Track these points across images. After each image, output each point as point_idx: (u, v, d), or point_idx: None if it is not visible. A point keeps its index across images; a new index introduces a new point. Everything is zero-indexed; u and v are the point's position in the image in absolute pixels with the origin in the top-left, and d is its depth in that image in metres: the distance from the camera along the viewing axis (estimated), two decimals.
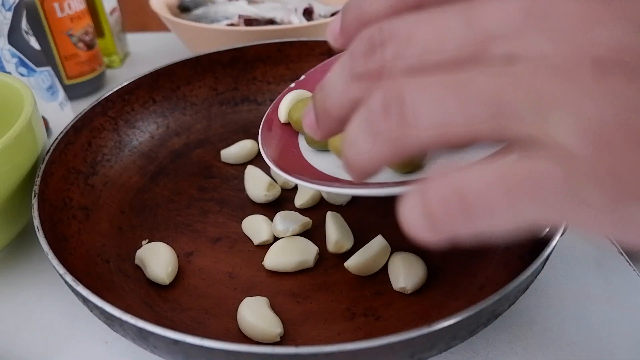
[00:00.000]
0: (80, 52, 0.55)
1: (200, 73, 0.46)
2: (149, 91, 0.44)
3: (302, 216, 0.36)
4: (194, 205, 0.39)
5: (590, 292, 0.33)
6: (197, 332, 0.29)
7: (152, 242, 0.34)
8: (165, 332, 0.23)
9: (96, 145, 0.39)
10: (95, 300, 0.25)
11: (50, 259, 0.28)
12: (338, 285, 0.32)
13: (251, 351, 0.22)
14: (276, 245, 0.34)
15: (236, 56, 0.47)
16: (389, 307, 0.31)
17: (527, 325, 0.31)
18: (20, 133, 0.32)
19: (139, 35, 0.72)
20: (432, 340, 0.23)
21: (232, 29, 0.49)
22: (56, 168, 0.35)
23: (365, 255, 0.32)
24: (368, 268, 0.32)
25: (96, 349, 0.30)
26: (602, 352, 0.29)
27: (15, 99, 0.36)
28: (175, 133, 0.45)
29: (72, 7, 0.53)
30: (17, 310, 0.33)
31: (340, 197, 0.38)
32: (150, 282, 0.33)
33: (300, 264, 0.33)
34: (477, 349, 0.29)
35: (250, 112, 0.48)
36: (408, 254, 0.32)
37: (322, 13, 0.58)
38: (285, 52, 0.48)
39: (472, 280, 0.32)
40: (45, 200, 0.32)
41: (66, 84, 0.55)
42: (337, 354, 0.22)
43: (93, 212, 0.36)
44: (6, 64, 0.44)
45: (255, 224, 0.36)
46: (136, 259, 0.33)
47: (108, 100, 0.41)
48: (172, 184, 0.41)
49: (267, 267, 0.33)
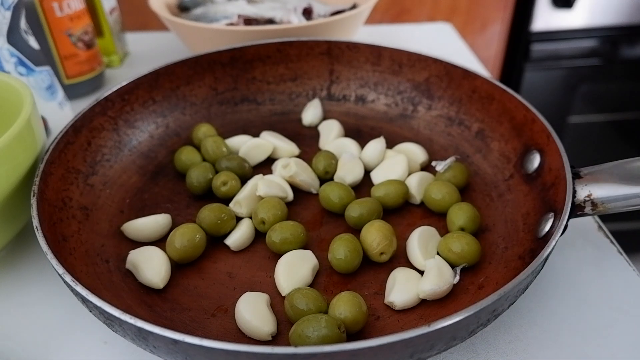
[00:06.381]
0: (80, 51, 0.55)
1: (199, 73, 0.46)
2: (149, 91, 0.44)
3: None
4: (194, 205, 0.39)
5: (590, 292, 0.33)
6: (196, 332, 0.29)
7: (143, 247, 0.34)
8: (164, 332, 0.23)
9: (96, 145, 0.39)
10: (94, 300, 0.25)
11: (50, 259, 0.28)
12: (338, 286, 0.32)
13: (250, 351, 0.22)
14: (281, 268, 0.32)
15: (236, 56, 0.47)
16: (388, 307, 0.31)
17: (527, 325, 0.31)
18: (20, 133, 0.31)
19: (138, 35, 0.72)
20: (432, 340, 0.23)
21: (231, 28, 0.49)
22: (55, 168, 0.35)
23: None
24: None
25: (95, 349, 0.30)
26: (602, 352, 0.29)
27: (15, 98, 0.36)
28: (175, 133, 0.45)
29: (72, 6, 0.53)
30: (16, 310, 0.33)
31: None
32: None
33: (313, 272, 0.33)
34: (477, 349, 0.29)
35: (249, 111, 0.48)
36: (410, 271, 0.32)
37: (321, 13, 0.58)
38: (285, 51, 0.48)
39: (472, 280, 0.32)
40: (45, 200, 0.32)
41: (65, 83, 0.55)
42: (336, 354, 0.22)
43: (92, 212, 0.36)
44: (5, 64, 0.44)
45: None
46: (127, 263, 0.33)
47: (107, 100, 0.41)
48: (171, 184, 0.41)
49: (286, 293, 0.31)
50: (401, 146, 0.43)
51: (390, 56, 0.46)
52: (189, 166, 0.40)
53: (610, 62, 1.10)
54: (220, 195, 0.38)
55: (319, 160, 0.40)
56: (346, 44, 0.47)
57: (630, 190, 0.29)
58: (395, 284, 0.31)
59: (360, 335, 0.29)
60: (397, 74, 0.46)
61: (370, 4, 0.55)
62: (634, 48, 1.09)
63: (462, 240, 0.32)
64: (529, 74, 1.09)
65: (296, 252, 0.33)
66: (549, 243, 0.27)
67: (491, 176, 0.39)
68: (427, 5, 1.06)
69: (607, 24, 1.05)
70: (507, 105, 0.39)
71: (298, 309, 0.29)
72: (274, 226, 0.34)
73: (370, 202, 0.36)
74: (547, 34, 1.06)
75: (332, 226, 0.37)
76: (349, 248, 0.32)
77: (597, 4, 1.02)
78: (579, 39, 1.07)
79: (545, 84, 1.10)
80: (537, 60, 1.08)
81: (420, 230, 0.34)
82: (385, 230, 0.33)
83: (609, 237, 0.37)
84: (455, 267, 0.32)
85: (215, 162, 0.41)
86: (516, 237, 0.33)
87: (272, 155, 0.43)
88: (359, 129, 0.46)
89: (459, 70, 0.43)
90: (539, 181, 0.34)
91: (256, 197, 0.37)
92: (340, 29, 0.52)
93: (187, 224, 0.34)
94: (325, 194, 0.37)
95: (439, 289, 0.30)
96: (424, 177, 0.39)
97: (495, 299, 0.24)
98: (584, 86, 1.11)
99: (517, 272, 0.26)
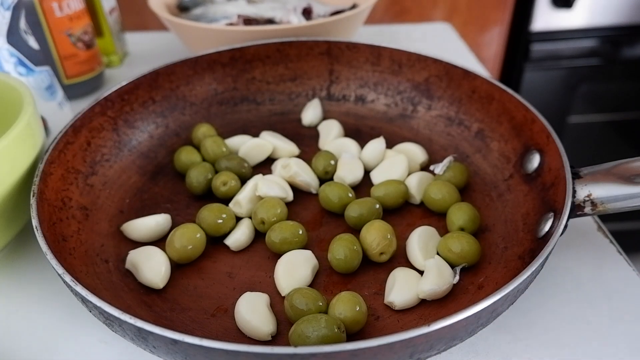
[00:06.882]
0: (79, 51, 0.55)
1: (199, 73, 0.46)
2: (148, 91, 0.44)
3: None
4: (193, 205, 0.39)
5: (590, 292, 0.33)
6: (196, 332, 0.29)
7: (143, 247, 0.34)
8: (164, 332, 0.23)
9: (95, 145, 0.39)
10: (94, 300, 0.25)
11: (49, 259, 0.28)
12: (337, 286, 0.32)
13: (250, 351, 0.22)
14: (281, 268, 0.32)
15: (235, 56, 0.47)
16: (388, 307, 0.31)
17: (527, 325, 0.31)
18: (19, 133, 0.31)
19: (138, 35, 0.72)
20: (432, 341, 0.23)
21: (231, 28, 0.49)
22: (55, 168, 0.35)
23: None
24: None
25: (95, 349, 0.30)
26: (602, 352, 0.29)
27: (14, 98, 0.36)
28: (174, 133, 0.45)
29: (71, 6, 0.53)
30: (15, 310, 0.33)
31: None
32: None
33: (312, 272, 0.33)
34: (477, 349, 0.29)
35: (249, 112, 0.48)
36: (410, 270, 0.32)
37: (321, 13, 0.58)
38: (285, 51, 0.48)
39: (472, 280, 0.32)
40: (44, 200, 0.32)
41: (65, 83, 0.55)
42: (336, 354, 0.22)
43: (92, 212, 0.36)
44: (5, 64, 0.44)
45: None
46: (127, 263, 0.33)
47: (107, 100, 0.41)
48: (171, 184, 0.41)
49: (286, 293, 0.31)
50: (401, 146, 0.43)
51: (390, 56, 0.46)
52: (188, 166, 0.40)
53: (610, 62, 1.10)
54: (220, 195, 0.38)
55: (318, 160, 0.40)
56: (346, 44, 0.47)
57: (630, 190, 0.29)
58: (395, 284, 0.31)
59: (360, 335, 0.29)
60: (397, 74, 0.46)
61: (370, 4, 0.55)
62: (634, 48, 1.09)
63: (462, 240, 0.32)
64: (528, 74, 1.09)
65: (296, 252, 0.33)
66: (548, 243, 0.27)
67: (491, 176, 0.39)
68: (427, 5, 1.06)
69: (607, 24, 1.05)
70: (507, 105, 0.39)
71: (298, 309, 0.29)
72: (274, 226, 0.34)
73: (370, 202, 0.36)
74: (547, 34, 1.06)
75: (332, 226, 0.37)
76: (349, 248, 0.32)
77: (597, 4, 1.02)
78: (578, 39, 1.07)
79: (545, 84, 1.10)
80: (537, 60, 1.08)
81: (420, 230, 0.34)
82: (385, 230, 0.33)
83: (609, 237, 0.37)
84: (455, 267, 0.32)
85: (215, 162, 0.41)
86: (516, 237, 0.33)
87: (271, 155, 0.43)
88: (358, 129, 0.46)
89: (458, 70, 0.43)
90: (539, 181, 0.34)
91: (256, 197, 0.37)
92: (340, 29, 0.52)
93: (186, 224, 0.34)
94: (325, 194, 0.37)
95: (439, 289, 0.30)
96: (423, 177, 0.39)
97: (495, 299, 0.24)
98: (584, 86, 1.11)
99: (517, 272, 0.26)
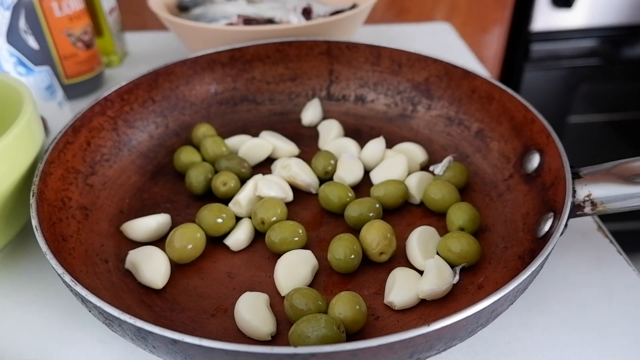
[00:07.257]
0: (79, 51, 0.55)
1: (199, 73, 0.46)
2: (148, 91, 0.44)
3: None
4: (193, 205, 0.39)
5: (590, 292, 0.32)
6: (195, 332, 0.29)
7: (143, 247, 0.34)
8: (164, 332, 0.23)
9: (95, 145, 0.39)
10: (93, 300, 0.25)
11: (49, 259, 0.28)
12: (337, 286, 0.32)
13: (250, 351, 0.22)
14: (280, 268, 0.32)
15: (235, 56, 0.47)
16: (388, 307, 0.31)
17: (527, 325, 0.31)
18: (19, 132, 0.31)
19: (137, 35, 0.72)
20: (431, 340, 0.23)
21: (231, 28, 0.49)
22: (55, 168, 0.35)
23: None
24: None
25: (94, 349, 0.30)
26: (602, 352, 0.29)
27: (14, 98, 0.36)
28: (174, 133, 0.45)
29: (71, 6, 0.53)
30: (15, 310, 0.33)
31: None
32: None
33: (312, 272, 0.33)
34: (477, 349, 0.29)
35: (249, 111, 0.48)
36: (409, 270, 0.32)
37: (321, 13, 0.58)
38: (284, 51, 0.48)
39: (472, 280, 0.32)
40: (44, 200, 0.32)
41: (65, 83, 0.55)
42: (336, 354, 0.22)
43: (92, 212, 0.36)
44: (4, 64, 0.44)
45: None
46: (127, 263, 0.33)
47: (107, 100, 0.41)
48: (171, 184, 0.41)
49: (285, 293, 0.31)
50: (401, 146, 0.43)
51: (390, 56, 0.46)
52: (188, 166, 0.40)
53: (610, 62, 1.10)
54: (219, 195, 0.38)
55: (318, 160, 0.40)
56: (346, 44, 0.47)
57: (630, 190, 0.29)
58: (395, 284, 0.31)
59: (359, 335, 0.29)
60: (397, 74, 0.46)
61: (369, 4, 0.55)
62: (634, 48, 1.09)
63: (462, 240, 0.32)
64: (528, 73, 1.08)
65: (296, 252, 0.33)
66: (548, 243, 0.27)
67: (491, 176, 0.39)
68: (427, 5, 1.06)
69: (607, 24, 1.05)
70: (507, 105, 0.39)
71: (297, 308, 0.29)
72: (274, 226, 0.34)
73: (370, 202, 0.36)
74: (546, 33, 1.06)
75: (332, 226, 0.37)
76: (349, 248, 0.32)
77: (597, 4, 1.02)
78: (578, 38, 1.07)
79: (545, 83, 1.10)
80: (536, 60, 1.08)
81: (419, 230, 0.34)
82: (384, 230, 0.33)
83: (609, 237, 0.37)
84: (454, 267, 0.32)
85: (215, 162, 0.41)
86: (516, 237, 0.33)
87: (271, 155, 0.43)
88: (358, 129, 0.46)
89: (458, 70, 0.43)
90: (539, 181, 0.34)
91: (256, 197, 0.37)
92: (340, 28, 0.52)
93: (186, 224, 0.34)
94: (324, 194, 0.37)
95: (439, 289, 0.30)
96: (423, 177, 0.39)
97: (495, 299, 0.24)
98: (584, 86, 1.11)
99: (517, 272, 0.26)
